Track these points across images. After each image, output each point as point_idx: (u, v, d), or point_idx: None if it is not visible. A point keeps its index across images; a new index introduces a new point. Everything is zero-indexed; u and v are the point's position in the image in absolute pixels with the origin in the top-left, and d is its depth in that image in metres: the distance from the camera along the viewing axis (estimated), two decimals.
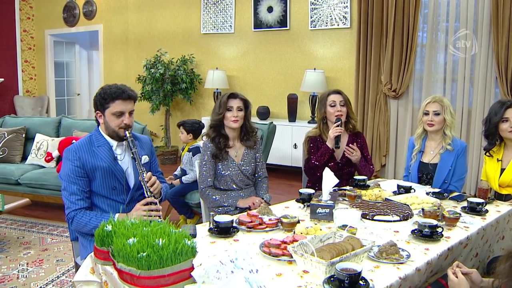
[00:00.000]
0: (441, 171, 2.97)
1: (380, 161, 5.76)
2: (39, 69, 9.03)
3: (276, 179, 6.12)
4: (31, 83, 8.96)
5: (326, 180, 2.31)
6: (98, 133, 2.41)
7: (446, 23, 5.31)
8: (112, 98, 2.31)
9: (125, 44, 7.95)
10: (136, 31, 7.79)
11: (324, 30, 6.12)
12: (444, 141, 2.99)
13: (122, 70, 8.04)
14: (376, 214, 2.17)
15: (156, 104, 7.00)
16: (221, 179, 2.97)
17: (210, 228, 2.09)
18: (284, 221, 2.08)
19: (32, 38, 8.90)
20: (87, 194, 2.33)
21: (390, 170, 5.76)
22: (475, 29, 5.13)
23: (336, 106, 3.10)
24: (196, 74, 7.08)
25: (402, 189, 2.71)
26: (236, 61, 6.91)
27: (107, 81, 8.27)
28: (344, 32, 5.99)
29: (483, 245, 2.28)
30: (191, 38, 7.24)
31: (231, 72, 6.93)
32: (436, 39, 5.43)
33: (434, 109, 2.97)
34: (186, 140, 4.19)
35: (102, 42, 8.19)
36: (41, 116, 6.84)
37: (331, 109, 3.11)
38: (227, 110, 2.90)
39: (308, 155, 3.18)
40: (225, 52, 7.00)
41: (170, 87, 6.88)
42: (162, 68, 6.82)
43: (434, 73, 5.47)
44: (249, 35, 6.73)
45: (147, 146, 2.59)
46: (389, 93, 5.57)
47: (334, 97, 3.13)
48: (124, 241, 1.63)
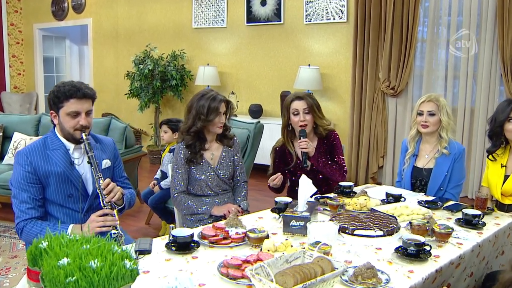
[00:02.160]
0: (436, 177, 2.74)
1: (377, 163, 5.58)
2: (28, 65, 8.86)
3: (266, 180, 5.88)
4: (19, 79, 8.79)
5: (302, 188, 2.09)
6: (54, 135, 2.22)
7: (448, 17, 5.10)
8: (66, 97, 2.12)
9: (115, 39, 7.80)
10: (126, 25, 7.63)
11: (319, 25, 5.93)
12: (440, 144, 2.76)
13: (112, 66, 7.89)
14: (357, 228, 1.95)
15: (144, 101, 6.82)
16: (195, 184, 2.76)
17: (167, 242, 1.87)
18: (250, 236, 1.87)
19: (20, 32, 8.73)
20: (39, 203, 2.15)
21: (388, 172, 5.56)
22: (479, 23, 4.91)
23: (299, 114, 2.81)
24: (187, 70, 6.91)
25: (391, 198, 2.49)
26: (228, 56, 6.75)
27: (96, 78, 8.13)
28: (341, 27, 5.80)
29: (479, 263, 2.05)
30: (182, 33, 7.08)
31: (222, 68, 6.76)
32: (437, 34, 5.23)
33: (429, 109, 2.74)
34: (170, 139, 4.00)
35: (92, 37, 8.01)
36: (20, 114, 6.65)
37: (294, 117, 2.83)
38: (217, 115, 2.68)
39: (272, 170, 2.93)
40: (217, 47, 6.83)
41: (160, 84, 6.71)
42: (151, 64, 6.63)
43: (435, 70, 5.27)
44: (242, 29, 6.56)
45: (109, 149, 2.40)
46: (387, 90, 5.39)
47: (297, 104, 2.82)
48: (54, 262, 1.41)
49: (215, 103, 2.67)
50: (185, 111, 2.80)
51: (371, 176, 5.60)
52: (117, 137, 4.73)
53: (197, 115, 2.67)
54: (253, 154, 4.14)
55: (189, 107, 2.75)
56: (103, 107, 8.07)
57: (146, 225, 4.39)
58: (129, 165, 4.74)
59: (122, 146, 4.72)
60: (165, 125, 4.03)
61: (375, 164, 5.57)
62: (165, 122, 4.06)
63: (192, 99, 2.76)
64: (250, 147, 4.07)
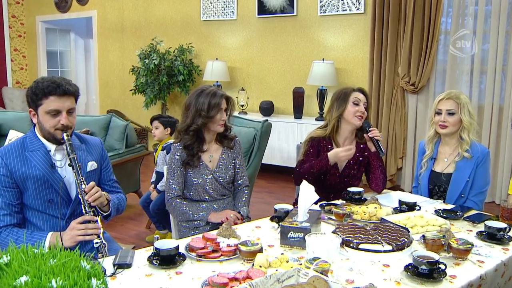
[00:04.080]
0: (456, 182, 2.58)
1: (396, 164, 5.45)
2: (30, 59, 8.88)
3: (279, 182, 5.86)
4: (22, 73, 8.81)
5: (303, 195, 1.95)
6: (33, 135, 2.13)
7: (475, 6, 4.91)
8: (44, 94, 2.02)
9: (120, 32, 7.77)
10: (132, 18, 7.59)
11: (335, 16, 5.80)
12: (461, 147, 2.59)
13: (118, 60, 7.87)
14: (363, 242, 1.80)
15: (150, 97, 6.75)
16: (191, 188, 2.66)
17: (149, 255, 1.76)
18: (242, 249, 1.75)
19: (22, 25, 8.75)
20: (16, 208, 2.07)
21: (407, 174, 5.42)
22: (510, 12, 4.72)
23: (359, 105, 2.73)
24: (195, 65, 6.83)
25: (405, 206, 2.33)
26: (238, 51, 6.65)
27: (102, 73, 8.12)
28: (357, 18, 5.65)
29: (504, 285, 1.88)
30: (190, 26, 7.00)
31: (232, 63, 6.68)
32: (462, 25, 5.03)
33: (448, 107, 2.57)
34: (162, 136, 3.93)
35: (96, 30, 7.99)
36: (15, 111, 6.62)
37: (352, 108, 2.72)
38: (218, 111, 2.58)
39: (303, 157, 2.82)
40: (227, 41, 6.74)
41: (166, 79, 6.65)
42: (157, 58, 6.57)
43: (459, 64, 5.10)
44: (253, 22, 6.46)
45: (96, 150, 2.31)
46: (407, 87, 5.25)
47: (359, 96, 2.76)
48: (11, 281, 1.31)
49: (216, 99, 2.57)
50: (183, 110, 2.70)
51: (389, 179, 5.45)
52: (117, 135, 4.67)
53: (197, 112, 2.57)
54: (260, 154, 4.03)
55: (187, 104, 2.65)
56: (109, 104, 8.06)
57: (147, 229, 4.30)
58: (130, 165, 4.68)
59: (122, 146, 4.65)
60: (156, 121, 3.96)
61: (393, 166, 5.44)
62: (156, 118, 4.00)
63: (190, 96, 2.66)
64: (257, 147, 3.97)
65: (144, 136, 7.32)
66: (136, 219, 4.54)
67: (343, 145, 2.79)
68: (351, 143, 2.82)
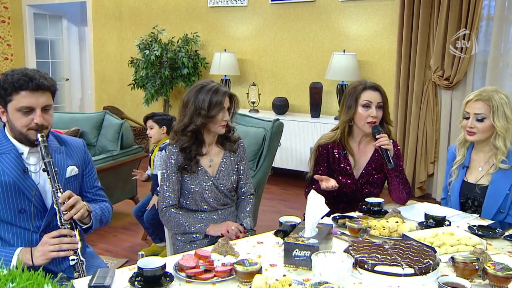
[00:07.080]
0: (493, 196, 2.47)
1: (426, 170, 5.45)
2: (17, 48, 8.93)
3: (293, 188, 5.86)
4: (6, 64, 8.87)
5: (310, 207, 1.88)
6: (3, 136, 2.10)
7: None
8: (14, 89, 1.98)
9: (118, 20, 7.81)
10: (132, 4, 7.64)
11: (358, 2, 5.81)
12: (495, 157, 2.48)
13: (115, 51, 7.93)
14: (379, 263, 1.73)
15: (151, 93, 6.77)
16: (188, 196, 2.64)
17: (131, 275, 1.71)
18: (238, 270, 1.70)
19: (5, 9, 8.75)
20: None
21: (439, 181, 5.37)
22: None
23: (371, 108, 2.63)
24: (201, 57, 6.86)
25: (431, 221, 2.25)
26: (249, 41, 6.69)
27: (98, 65, 8.16)
28: (384, 4, 5.65)
29: None
30: (196, 13, 7.03)
31: (242, 55, 6.71)
32: (509, 9, 4.96)
33: (477, 111, 2.46)
34: (159, 136, 3.92)
35: (92, 17, 8.05)
36: None
37: (363, 111, 2.63)
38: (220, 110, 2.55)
39: (312, 172, 2.75)
40: (236, 30, 6.77)
41: (169, 73, 6.68)
42: (158, 49, 6.58)
43: (503, 56, 5.07)
44: (266, 8, 6.48)
45: (77, 153, 2.28)
46: (440, 82, 5.23)
47: (370, 96, 2.64)
48: None
49: (218, 97, 2.54)
50: (180, 107, 2.68)
51: (418, 186, 5.48)
52: (111, 135, 4.68)
53: (196, 110, 2.55)
54: (270, 157, 4.00)
55: (185, 101, 2.63)
56: (106, 100, 8.10)
57: (143, 241, 4.29)
58: (126, 169, 4.67)
59: (117, 147, 4.65)
60: (149, 120, 3.93)
61: (424, 172, 5.44)
62: (149, 117, 3.97)
63: (189, 92, 2.64)
64: (266, 149, 3.94)
65: (143, 136, 7.32)
66: (131, 229, 4.52)
67: (358, 149, 2.73)
68: (366, 146, 2.76)
